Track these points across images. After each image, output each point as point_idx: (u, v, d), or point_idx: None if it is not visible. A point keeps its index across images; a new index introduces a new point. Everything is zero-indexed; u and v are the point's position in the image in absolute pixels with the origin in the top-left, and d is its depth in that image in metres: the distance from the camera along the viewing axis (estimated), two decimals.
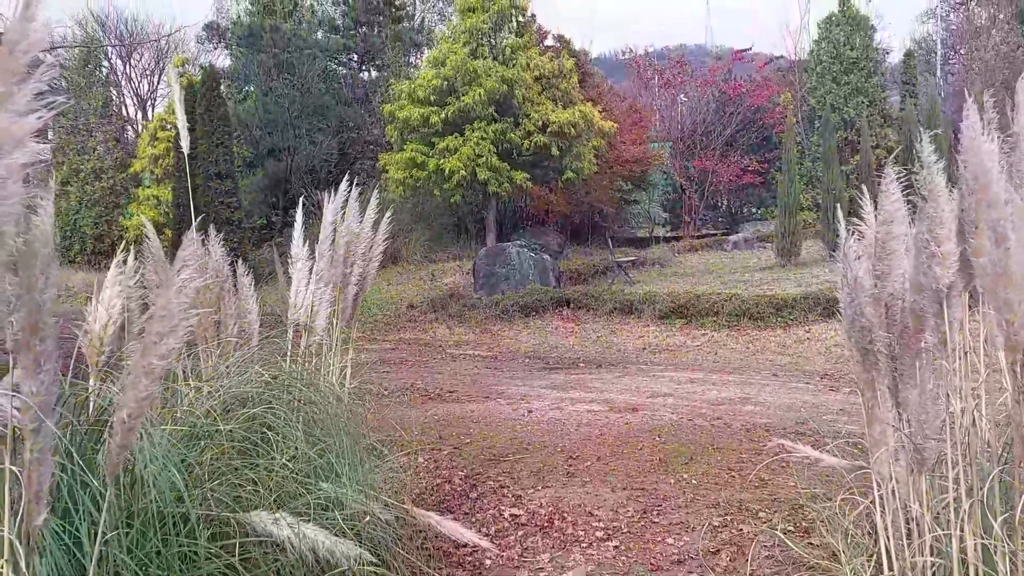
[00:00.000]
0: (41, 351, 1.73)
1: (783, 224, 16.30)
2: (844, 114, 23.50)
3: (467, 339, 12.71)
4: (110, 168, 23.53)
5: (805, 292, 11.84)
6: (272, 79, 23.41)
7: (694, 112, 26.39)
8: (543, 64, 18.93)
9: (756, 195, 27.48)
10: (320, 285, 4.56)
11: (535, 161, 18.64)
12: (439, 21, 34.62)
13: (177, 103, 4.27)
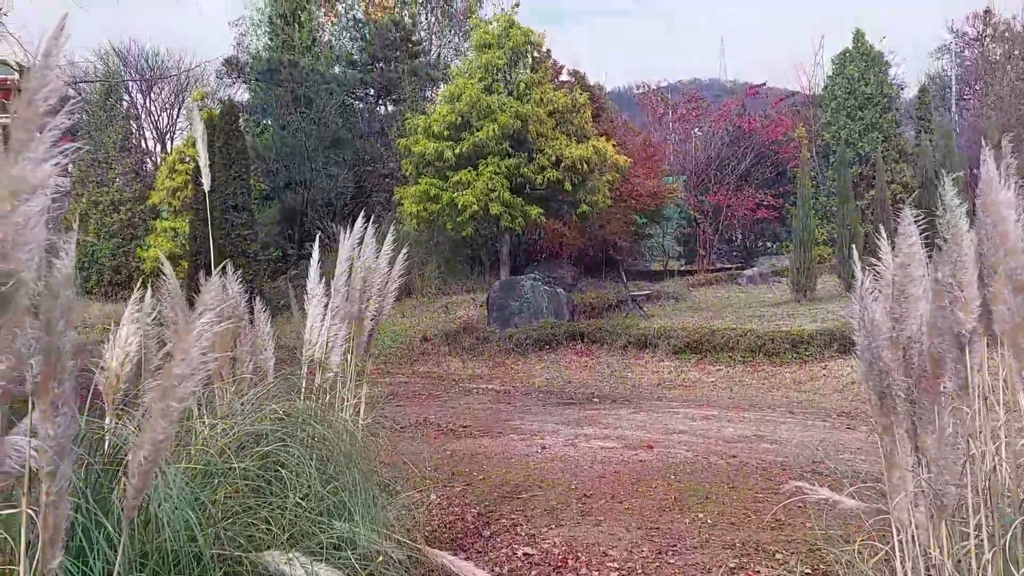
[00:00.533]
0: (59, 394, 1.74)
1: (798, 259, 16.25)
2: (859, 149, 23.51)
3: (480, 373, 12.68)
4: (129, 200, 23.80)
5: (821, 328, 11.77)
6: (290, 113, 23.67)
7: (708, 146, 26.47)
8: (557, 99, 19.06)
9: (771, 229, 27.43)
10: (335, 321, 4.58)
11: (549, 195, 18.70)
12: (455, 56, 35.00)
13: (200, 142, 4.34)
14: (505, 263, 19.85)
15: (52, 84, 1.56)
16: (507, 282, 15.93)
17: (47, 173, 1.56)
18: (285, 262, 23.02)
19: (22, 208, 1.54)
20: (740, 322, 13.65)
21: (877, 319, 2.81)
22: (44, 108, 1.57)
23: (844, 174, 17.08)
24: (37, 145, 1.56)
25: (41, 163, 1.56)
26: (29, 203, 1.55)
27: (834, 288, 16.83)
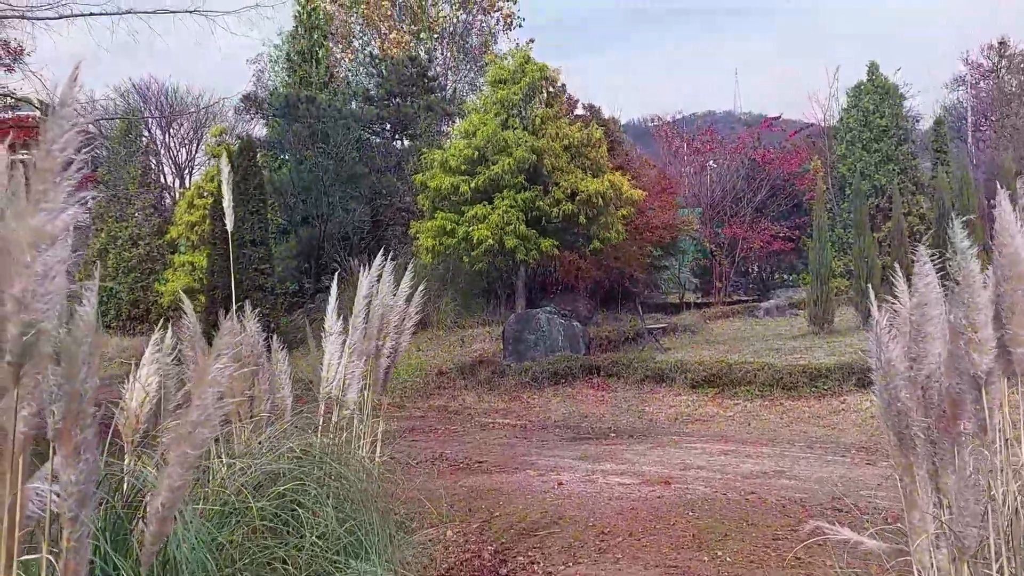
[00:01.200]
0: (81, 440, 1.76)
1: (815, 291, 16.17)
2: (875, 181, 23.48)
3: (496, 407, 12.65)
4: (147, 235, 24.05)
5: (839, 361, 11.68)
6: (307, 148, 23.91)
7: (723, 179, 26.50)
8: (572, 134, 19.15)
9: (787, 261, 27.35)
10: (353, 358, 4.60)
11: (564, 228, 18.75)
12: (470, 91, 35.34)
13: (225, 184, 4.42)
14: (521, 296, 19.87)
15: (69, 135, 1.60)
16: (523, 315, 15.92)
17: (66, 223, 1.59)
18: (302, 296, 23.12)
19: (42, 258, 1.57)
20: (757, 355, 13.56)
21: (894, 359, 2.80)
22: (62, 159, 1.60)
23: (860, 206, 17.04)
24: (56, 195, 1.59)
25: (60, 213, 1.59)
26: (49, 253, 1.58)
27: (852, 321, 16.72)
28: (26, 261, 1.54)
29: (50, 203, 1.57)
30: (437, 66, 34.46)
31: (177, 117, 29.80)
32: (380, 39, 35.35)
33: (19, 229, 1.55)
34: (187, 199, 23.48)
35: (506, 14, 36.50)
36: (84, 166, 1.64)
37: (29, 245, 1.54)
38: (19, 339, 1.56)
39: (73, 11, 11.17)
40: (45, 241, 1.55)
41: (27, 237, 1.54)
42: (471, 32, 36.55)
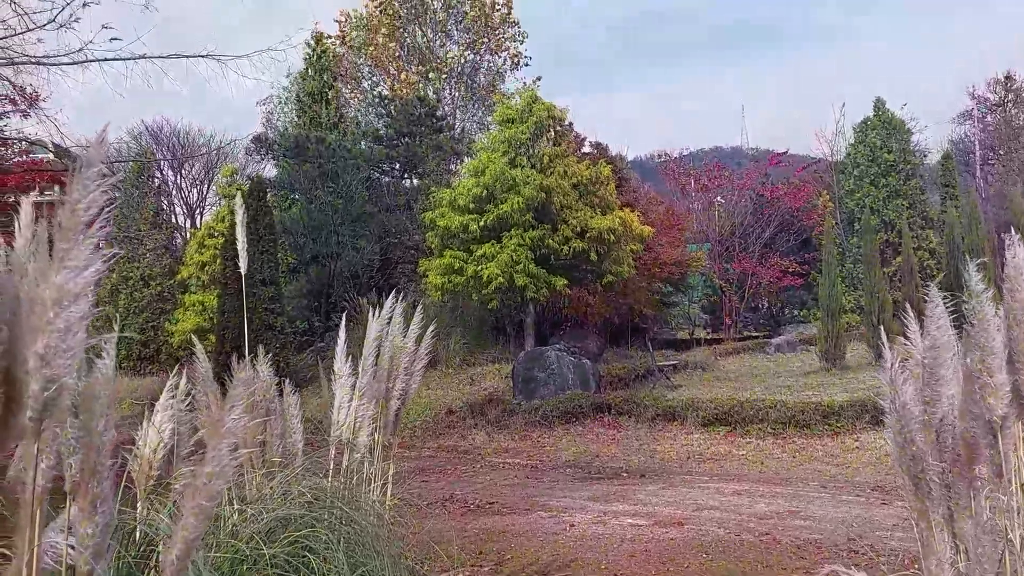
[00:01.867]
0: (98, 493, 1.77)
1: (826, 327, 16.11)
2: (884, 216, 23.51)
3: (507, 446, 12.59)
4: (158, 275, 24.19)
5: (852, 399, 11.61)
6: (317, 188, 24.11)
7: (732, 214, 26.57)
8: (580, 171, 19.26)
9: (797, 296, 27.30)
10: (363, 401, 4.60)
11: (573, 265, 18.79)
12: (478, 130, 35.64)
13: (239, 226, 4.47)
14: (530, 333, 19.86)
15: (94, 195, 1.63)
16: (532, 353, 15.90)
17: (88, 281, 1.62)
18: (312, 334, 23.16)
19: (64, 315, 1.59)
20: (769, 392, 13.50)
21: (908, 402, 2.79)
22: (86, 218, 1.63)
23: (869, 241, 17.05)
24: (79, 253, 1.62)
25: (83, 271, 1.62)
26: (70, 310, 1.60)
27: (864, 357, 16.65)
28: (49, 318, 1.57)
29: (73, 261, 1.60)
30: (445, 105, 34.81)
31: (189, 159, 30.11)
32: (389, 79, 35.80)
33: (43, 287, 1.57)
34: (198, 239, 23.65)
35: (513, 54, 36.95)
36: (107, 223, 1.67)
37: (53, 302, 1.57)
38: (41, 395, 1.58)
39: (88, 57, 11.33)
40: (68, 299, 1.58)
41: (51, 295, 1.57)
42: (479, 72, 36.98)
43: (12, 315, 1.64)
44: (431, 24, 35.99)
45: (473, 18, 35.71)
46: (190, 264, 23.18)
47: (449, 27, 36.36)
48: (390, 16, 35.27)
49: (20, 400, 1.64)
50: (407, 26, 35.79)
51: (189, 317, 21.95)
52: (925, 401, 2.78)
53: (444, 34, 36.47)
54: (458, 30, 36.43)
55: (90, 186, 1.64)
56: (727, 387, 14.98)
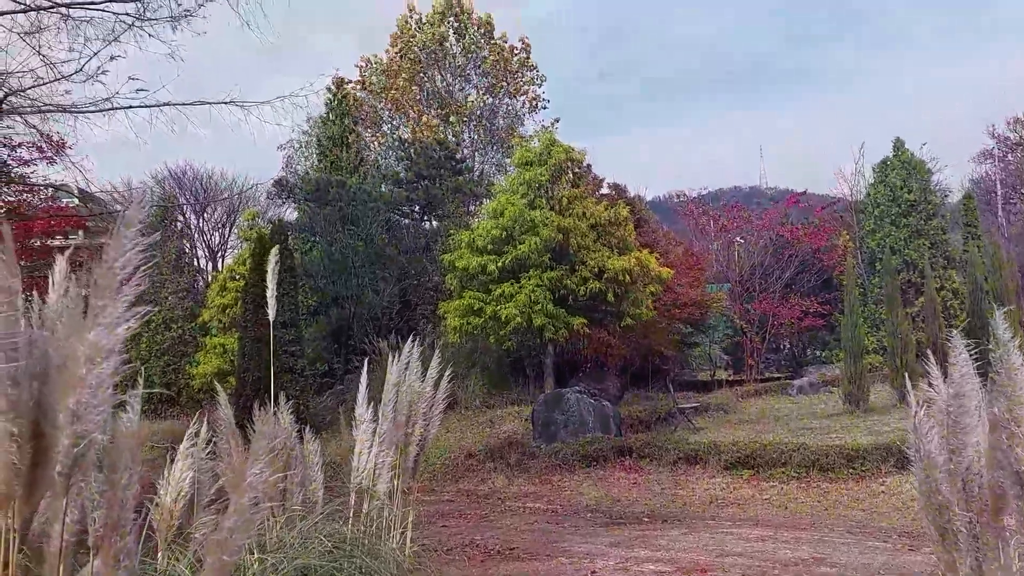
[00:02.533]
0: (121, 547, 1.78)
1: (849, 368, 15.96)
2: (905, 256, 23.37)
3: (527, 490, 12.49)
4: (180, 318, 24.36)
5: (876, 442, 11.46)
6: (337, 231, 24.30)
7: (751, 255, 26.49)
8: (598, 213, 19.32)
9: (819, 337, 27.06)
10: (383, 447, 4.60)
11: (592, 306, 18.77)
12: (497, 172, 35.92)
13: (270, 275, 4.53)
14: (549, 374, 19.79)
15: (130, 255, 1.66)
16: (552, 395, 15.82)
17: (120, 338, 1.64)
18: (331, 376, 23.18)
19: (96, 371, 1.62)
20: (792, 435, 13.35)
21: (933, 451, 2.76)
22: (121, 276, 1.66)
23: (891, 282, 16.93)
24: (113, 310, 1.65)
25: (116, 327, 1.64)
26: (102, 366, 1.63)
27: (888, 399, 16.44)
28: (81, 374, 1.59)
29: (107, 318, 1.63)
30: (464, 148, 35.14)
31: (211, 202, 30.50)
32: (409, 123, 36.21)
33: (77, 343, 1.60)
34: (219, 282, 23.82)
35: (531, 97, 37.31)
36: (141, 283, 1.70)
37: (86, 359, 1.59)
38: (71, 450, 1.60)
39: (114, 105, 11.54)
40: (100, 355, 1.61)
41: (84, 351, 1.60)
42: (497, 115, 37.34)
43: (43, 370, 1.67)
44: (450, 69, 36.47)
45: (492, 62, 36.16)
46: (211, 307, 23.33)
47: (468, 71, 36.83)
48: (410, 61, 35.78)
49: (49, 454, 1.66)
50: (427, 71, 36.28)
51: (210, 360, 22.04)
52: (950, 450, 2.75)
53: (463, 78, 36.93)
54: (477, 74, 36.87)
55: (126, 246, 1.67)
56: (749, 429, 14.83)
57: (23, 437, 1.67)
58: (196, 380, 22.05)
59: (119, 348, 1.65)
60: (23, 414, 1.66)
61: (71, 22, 11.09)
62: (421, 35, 35.99)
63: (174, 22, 10.29)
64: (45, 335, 1.70)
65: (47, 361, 1.68)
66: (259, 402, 3.80)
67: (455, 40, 36.51)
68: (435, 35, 35.72)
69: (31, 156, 11.52)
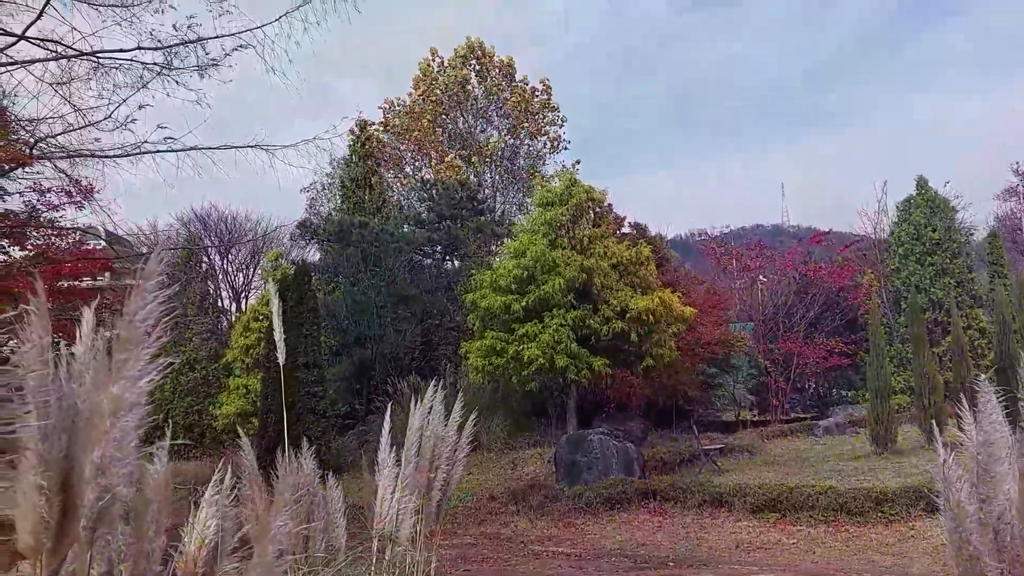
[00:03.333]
0: None
1: (875, 409, 15.74)
2: (931, 295, 23.16)
3: (550, 534, 12.36)
4: (204, 358, 24.53)
5: (905, 484, 11.27)
6: (360, 271, 24.47)
7: (775, 294, 26.34)
8: (620, 252, 19.34)
9: (845, 377, 26.74)
10: (405, 493, 4.58)
11: (614, 346, 18.70)
12: (518, 212, 36.13)
13: (275, 316, 4.55)
14: (572, 415, 19.68)
15: (152, 307, 1.69)
16: (575, 437, 15.72)
17: (143, 391, 1.66)
18: (353, 417, 23.19)
19: (120, 424, 1.63)
20: (819, 477, 13.16)
21: (963, 500, 2.72)
22: (144, 329, 1.69)
23: (917, 321, 16.75)
24: (136, 363, 1.67)
25: (138, 381, 1.66)
26: (126, 418, 1.65)
27: (916, 440, 16.18)
28: (106, 427, 1.61)
29: (130, 371, 1.65)
30: (486, 188, 35.40)
31: (236, 244, 30.84)
32: (431, 164, 36.56)
33: (101, 397, 1.62)
34: (243, 323, 24.02)
35: (552, 138, 37.61)
36: (164, 335, 1.72)
37: (110, 412, 1.61)
38: (96, 504, 1.62)
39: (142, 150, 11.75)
40: (124, 408, 1.63)
41: (108, 405, 1.62)
42: (519, 155, 37.64)
43: (71, 422, 1.69)
44: (472, 110, 36.89)
45: (513, 104, 36.55)
46: (235, 348, 23.49)
47: (490, 113, 37.24)
48: (433, 103, 36.24)
49: (75, 507, 1.67)
50: (449, 112, 36.72)
51: (233, 400, 22.15)
52: (980, 499, 2.70)
53: (485, 120, 37.34)
54: (498, 116, 37.27)
55: (148, 298, 1.70)
56: (775, 472, 14.64)
57: (52, 490, 1.69)
58: (219, 421, 22.15)
59: (143, 400, 1.66)
60: (52, 467, 1.68)
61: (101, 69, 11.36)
62: (443, 78, 36.49)
63: (201, 70, 10.51)
64: (74, 388, 1.72)
65: (75, 414, 1.70)
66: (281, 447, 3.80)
67: (477, 82, 36.98)
68: (457, 78, 36.20)
69: (60, 201, 11.72)
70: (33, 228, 11.73)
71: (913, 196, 24.91)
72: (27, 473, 1.66)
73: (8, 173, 11.65)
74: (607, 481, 13.71)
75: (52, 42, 11.07)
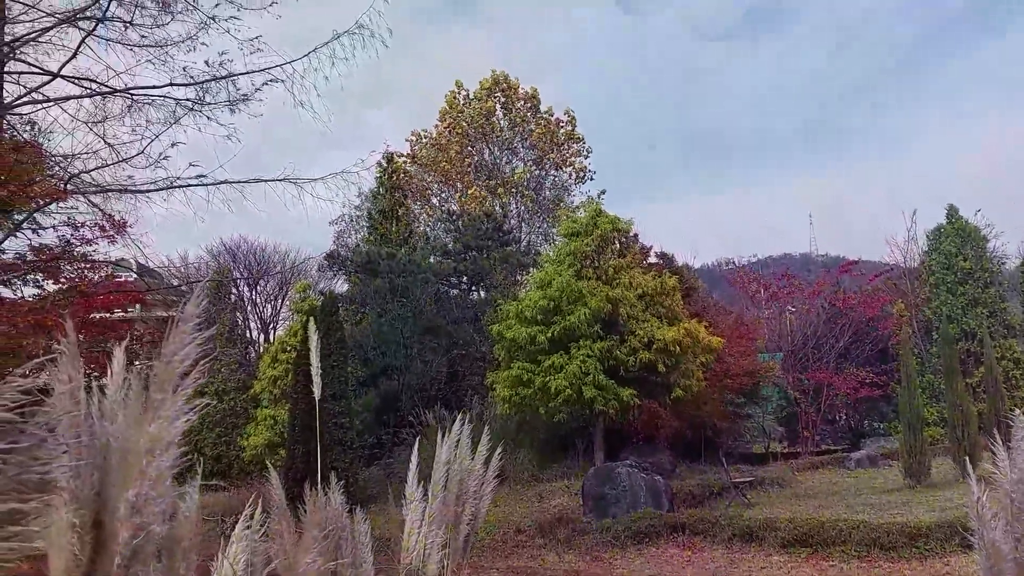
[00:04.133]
0: None
1: (908, 441, 15.49)
2: (963, 325, 22.85)
3: (578, 568, 12.23)
4: (232, 389, 24.67)
5: (940, 519, 11.04)
6: (387, 302, 24.58)
7: (804, 324, 26.10)
8: (646, 283, 19.26)
9: (876, 408, 26.35)
10: (432, 527, 4.57)
11: (642, 377, 18.56)
12: (544, 242, 36.20)
13: (313, 352, 4.59)
14: (599, 447, 19.53)
15: (189, 349, 1.71)
16: (602, 469, 15.60)
17: (179, 431, 1.69)
18: (380, 448, 23.17)
19: (155, 463, 1.66)
20: (852, 511, 12.94)
21: (997, 539, 2.68)
22: (181, 370, 1.72)
23: (949, 351, 16.52)
24: (172, 404, 1.70)
25: (174, 421, 1.69)
26: (162, 458, 1.67)
27: (949, 473, 15.89)
28: (141, 467, 1.63)
29: (167, 411, 1.68)
30: (511, 219, 35.54)
31: (264, 276, 31.12)
32: (457, 195, 36.81)
33: (137, 436, 1.65)
34: (271, 354, 24.15)
35: (578, 168, 37.77)
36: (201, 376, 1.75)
37: (147, 451, 1.64)
38: (130, 542, 1.63)
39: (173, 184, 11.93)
40: (160, 447, 1.65)
41: (144, 444, 1.64)
42: (544, 186, 37.80)
43: (103, 460, 1.72)
44: (498, 142, 37.15)
45: (538, 135, 36.78)
46: (263, 379, 23.61)
47: (515, 144, 37.48)
48: (459, 135, 36.56)
49: (108, 545, 1.69)
50: (475, 144, 37.01)
51: (261, 432, 22.22)
52: (1016, 538, 2.66)
53: (510, 151, 37.57)
54: (524, 147, 37.50)
55: (185, 340, 1.73)
56: (807, 505, 14.42)
57: (84, 527, 1.71)
58: (247, 452, 22.22)
59: (177, 439, 1.69)
60: (84, 505, 1.70)
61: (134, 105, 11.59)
62: (469, 110, 36.83)
63: (231, 105, 10.70)
64: (106, 426, 1.75)
65: (107, 452, 1.73)
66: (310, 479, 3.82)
67: (502, 114, 37.28)
68: (482, 110, 36.52)
69: (93, 235, 11.92)
70: (67, 262, 11.92)
71: (943, 225, 24.68)
72: (59, 510, 1.68)
73: (43, 208, 11.88)
74: (635, 514, 13.57)
75: (87, 80, 11.35)
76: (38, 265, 11.70)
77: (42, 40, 11.26)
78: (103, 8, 10.24)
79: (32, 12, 10.98)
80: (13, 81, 11.74)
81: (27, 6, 11.01)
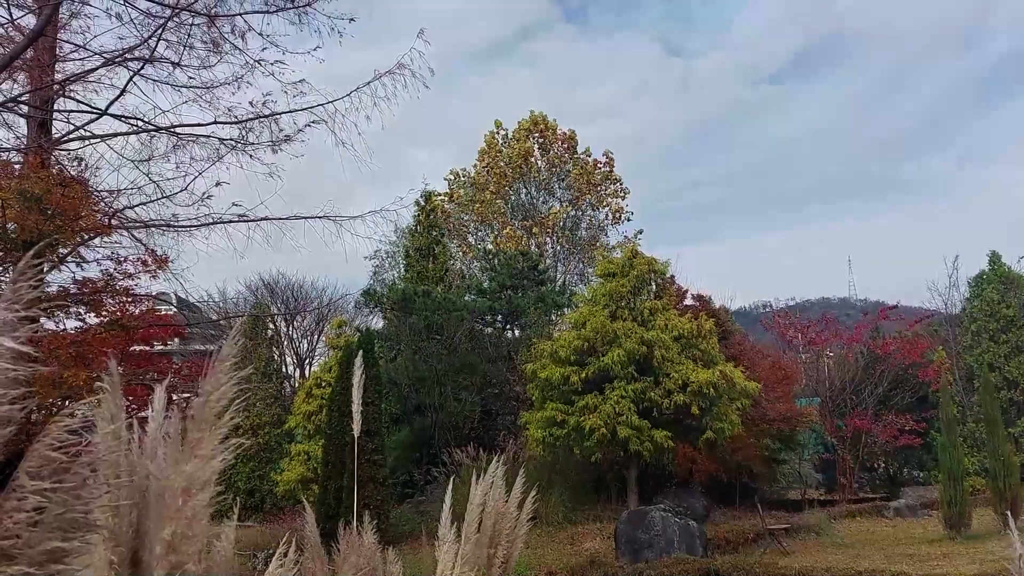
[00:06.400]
0: None
1: (948, 491, 15.13)
2: (1005, 373, 22.36)
3: None
4: (267, 424, 24.82)
5: (981, 572, 10.75)
6: (422, 340, 24.66)
7: (842, 369, 25.70)
8: (682, 325, 19.14)
9: (916, 456, 25.77)
10: (464, 569, 4.54)
11: (676, 420, 18.38)
12: (579, 281, 36.20)
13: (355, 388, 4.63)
14: (633, 490, 19.30)
15: (226, 387, 1.74)
16: (636, 513, 15.41)
17: (215, 469, 1.71)
18: (412, 486, 23.09)
19: (191, 502, 1.67)
20: (889, 562, 12.63)
21: None
22: (218, 409, 1.74)
23: (990, 400, 16.17)
24: (210, 442, 1.72)
25: (211, 460, 1.71)
26: (198, 497, 1.69)
27: (991, 524, 15.45)
28: (178, 506, 1.65)
29: (204, 450, 1.70)
30: (547, 258, 35.62)
31: (301, 311, 31.43)
32: (494, 234, 37.02)
33: (173, 475, 1.67)
34: (305, 389, 24.28)
35: (615, 209, 37.81)
36: (237, 415, 1.77)
37: (183, 490, 1.65)
38: None
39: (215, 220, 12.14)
40: (197, 487, 1.67)
41: (180, 483, 1.66)
42: (580, 226, 37.89)
43: (141, 497, 1.74)
44: (535, 182, 37.38)
45: (575, 176, 36.95)
46: (297, 414, 23.72)
47: (552, 185, 37.68)
48: (496, 175, 36.86)
49: None
50: (512, 183, 37.27)
51: (294, 467, 22.26)
52: None
53: (547, 191, 37.77)
54: (561, 187, 37.69)
55: (223, 379, 1.75)
56: (844, 554, 14.09)
57: (122, 564, 1.73)
58: (280, 486, 22.26)
59: (214, 479, 1.71)
60: (123, 543, 1.72)
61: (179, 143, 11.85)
62: (507, 150, 37.16)
63: (274, 146, 10.91)
64: (146, 463, 1.78)
65: (145, 489, 1.75)
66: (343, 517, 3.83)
67: (539, 155, 37.55)
68: (520, 150, 36.82)
69: (135, 269, 12.16)
70: (109, 295, 12.16)
71: (985, 271, 24.29)
72: (99, 548, 1.70)
73: (88, 242, 12.16)
74: (669, 560, 13.37)
75: (133, 118, 11.65)
76: (81, 298, 11.94)
77: (90, 79, 11.60)
78: (151, 48, 10.53)
79: (81, 51, 11.34)
80: (63, 119, 12.08)
81: (77, 46, 11.38)
